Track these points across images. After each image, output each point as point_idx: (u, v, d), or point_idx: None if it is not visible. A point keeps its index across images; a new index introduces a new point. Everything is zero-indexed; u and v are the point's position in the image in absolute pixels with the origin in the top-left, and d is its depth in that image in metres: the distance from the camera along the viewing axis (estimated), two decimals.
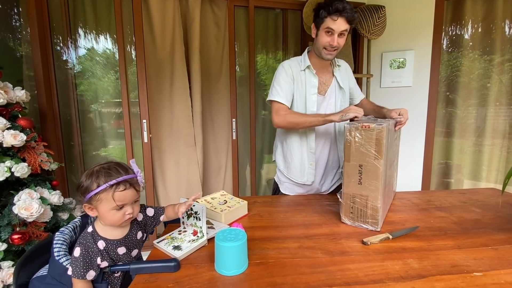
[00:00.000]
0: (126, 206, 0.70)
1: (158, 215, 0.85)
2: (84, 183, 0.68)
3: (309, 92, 1.25)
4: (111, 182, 0.67)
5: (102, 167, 0.70)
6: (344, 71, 1.34)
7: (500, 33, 2.25)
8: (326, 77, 1.29)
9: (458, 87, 2.41)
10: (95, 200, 0.68)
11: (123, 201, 0.69)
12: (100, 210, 0.69)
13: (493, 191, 1.37)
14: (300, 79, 1.25)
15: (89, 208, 0.70)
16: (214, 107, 2.29)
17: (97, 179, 0.67)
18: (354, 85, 1.40)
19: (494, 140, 2.36)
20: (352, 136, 0.91)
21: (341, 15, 1.10)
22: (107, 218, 0.70)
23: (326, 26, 1.13)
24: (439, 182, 2.54)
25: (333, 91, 1.29)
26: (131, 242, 0.77)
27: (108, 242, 0.72)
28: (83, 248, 0.69)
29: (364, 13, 2.14)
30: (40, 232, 1.36)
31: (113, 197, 0.67)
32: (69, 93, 2.09)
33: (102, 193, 0.67)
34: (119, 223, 0.71)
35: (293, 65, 1.26)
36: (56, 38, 2.01)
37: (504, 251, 0.78)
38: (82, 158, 2.18)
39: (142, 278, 0.68)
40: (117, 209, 0.69)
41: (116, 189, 0.68)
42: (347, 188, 0.96)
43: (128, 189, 0.69)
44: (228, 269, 0.69)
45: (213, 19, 2.19)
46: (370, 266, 0.72)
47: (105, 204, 0.68)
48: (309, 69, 1.25)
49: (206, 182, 2.32)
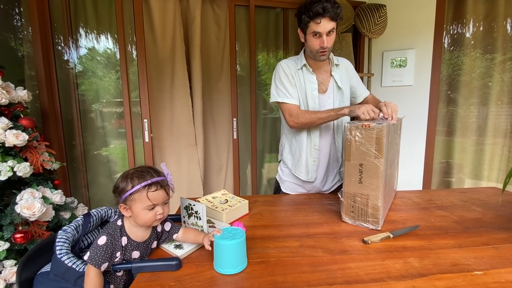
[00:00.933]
0: (157, 206, 0.75)
1: (173, 231, 0.86)
2: (120, 185, 0.73)
3: (309, 89, 1.24)
4: (144, 183, 0.72)
5: (136, 170, 0.75)
6: (344, 70, 1.31)
7: (502, 32, 2.24)
8: (324, 77, 1.27)
9: (459, 86, 2.40)
10: (129, 200, 0.73)
11: (155, 200, 0.74)
12: (134, 210, 0.73)
13: (494, 190, 1.37)
14: (298, 78, 1.25)
15: (124, 208, 0.74)
16: (215, 107, 2.29)
17: (132, 181, 0.73)
18: (356, 83, 1.35)
19: (496, 139, 2.36)
20: (352, 135, 0.91)
21: (324, 16, 1.07)
22: (140, 217, 0.74)
23: (312, 31, 1.12)
24: (440, 181, 2.54)
25: (331, 91, 1.27)
26: (146, 249, 0.79)
27: (129, 241, 0.76)
28: (110, 238, 0.72)
29: (365, 12, 2.13)
30: (43, 231, 1.37)
31: (147, 196, 0.72)
32: (70, 92, 2.10)
33: (136, 193, 0.72)
34: (150, 222, 0.76)
35: (290, 64, 1.26)
36: (57, 38, 2.02)
37: (505, 250, 0.78)
38: (83, 158, 2.18)
39: (143, 277, 0.68)
40: (149, 209, 0.74)
41: (149, 190, 0.73)
42: (348, 187, 0.96)
43: (159, 190, 0.75)
44: (225, 268, 0.69)
45: (213, 18, 2.19)
46: (370, 265, 0.72)
47: (138, 204, 0.73)
48: (306, 67, 1.24)
49: (207, 181, 2.33)
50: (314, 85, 1.24)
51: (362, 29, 2.17)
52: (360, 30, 2.19)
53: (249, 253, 0.79)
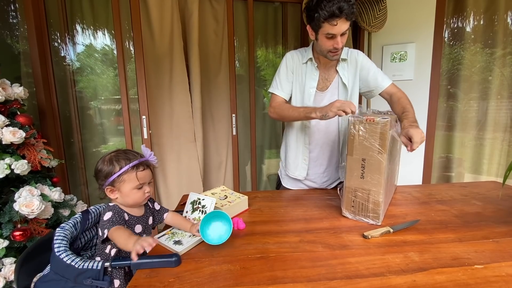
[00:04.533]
0: (144, 185, 0.79)
1: (162, 212, 0.91)
2: (105, 168, 0.75)
3: (308, 85, 1.21)
4: (133, 163, 0.75)
5: (118, 153, 0.77)
6: (353, 63, 1.20)
7: (502, 26, 2.22)
8: (329, 73, 1.22)
9: (459, 81, 2.38)
10: (118, 181, 0.75)
11: (143, 180, 0.77)
12: (124, 190, 0.76)
13: (494, 184, 1.36)
14: (301, 72, 1.22)
15: (111, 190, 0.76)
16: (214, 103, 2.28)
17: (118, 163, 0.75)
18: (367, 74, 1.20)
19: (495, 133, 2.35)
20: (356, 129, 0.90)
21: (340, 18, 0.98)
22: (130, 197, 0.77)
23: (326, 32, 1.03)
24: (440, 176, 2.54)
25: (335, 87, 1.21)
26: (146, 224, 0.83)
27: (130, 216, 0.79)
28: (114, 212, 0.75)
29: (364, 6, 2.11)
30: (42, 228, 1.36)
31: (136, 176, 0.75)
32: (68, 89, 2.08)
33: (125, 174, 0.74)
34: (140, 201, 0.79)
35: (295, 56, 1.23)
36: (53, 34, 2.00)
37: (505, 244, 0.78)
38: (82, 155, 2.18)
39: (142, 273, 0.68)
40: (138, 188, 0.77)
41: (137, 170, 0.76)
42: (349, 182, 0.95)
43: (146, 169, 0.79)
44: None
45: (211, 13, 2.17)
46: (370, 260, 0.72)
47: (128, 184, 0.75)
48: (311, 62, 1.20)
49: (206, 177, 2.33)
50: (314, 83, 1.21)
51: (362, 23, 2.15)
52: (360, 24, 2.17)
53: (248, 248, 0.79)
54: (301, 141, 1.28)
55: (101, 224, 0.75)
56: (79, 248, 0.85)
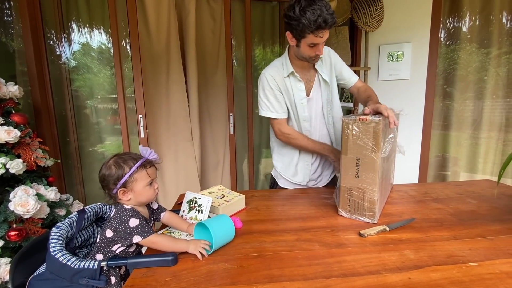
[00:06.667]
0: (153, 181, 0.82)
1: (160, 211, 0.91)
2: (114, 172, 0.77)
3: (298, 97, 1.21)
4: (142, 160, 0.79)
5: (120, 156, 0.80)
6: (328, 60, 1.26)
7: (498, 26, 2.24)
8: (310, 74, 1.24)
9: (455, 80, 2.40)
10: (130, 182, 0.77)
11: (152, 175, 0.81)
12: (137, 189, 0.78)
13: (489, 182, 1.38)
14: (286, 87, 1.20)
15: (123, 192, 0.77)
16: (211, 102, 2.27)
17: (126, 164, 0.77)
18: (340, 68, 1.29)
19: (491, 132, 2.38)
20: (349, 129, 0.91)
21: (325, 29, 1.01)
22: (143, 194, 0.79)
23: (310, 42, 1.05)
24: (436, 175, 2.56)
25: (317, 87, 1.25)
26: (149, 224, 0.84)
27: (144, 219, 0.80)
28: (139, 217, 0.76)
29: (361, 5, 2.11)
30: (38, 228, 1.35)
31: (147, 173, 0.79)
32: (63, 88, 2.06)
33: (136, 173, 0.77)
34: (152, 197, 0.82)
35: (275, 73, 1.19)
36: (49, 32, 1.98)
37: (499, 241, 0.79)
38: (78, 154, 2.16)
39: (139, 273, 0.68)
40: (149, 185, 0.80)
41: (146, 167, 0.80)
42: (345, 181, 0.96)
43: (153, 166, 0.83)
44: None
45: (209, 11, 2.16)
46: (367, 258, 0.72)
47: (140, 182, 0.78)
48: (293, 75, 1.20)
49: (204, 176, 2.32)
50: (302, 93, 1.21)
51: (359, 22, 2.15)
52: (357, 23, 2.18)
53: (245, 247, 0.79)
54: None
55: (124, 229, 0.74)
56: (75, 247, 0.85)
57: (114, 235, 0.75)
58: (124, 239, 0.74)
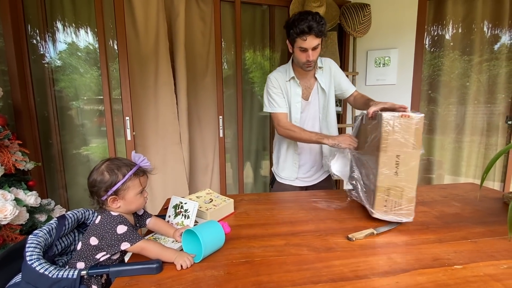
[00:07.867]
0: (144, 190, 0.80)
1: (145, 217, 0.89)
2: (106, 178, 0.73)
3: (294, 100, 1.36)
4: (135, 168, 0.76)
5: (112, 162, 0.76)
6: (327, 69, 1.37)
7: (479, 34, 2.33)
8: (310, 82, 1.37)
9: (439, 86, 2.48)
10: (122, 189, 0.74)
11: (144, 184, 0.79)
12: (128, 197, 0.76)
13: (472, 185, 1.42)
14: (286, 89, 1.36)
15: (113, 200, 0.75)
16: (200, 104, 2.25)
17: (120, 171, 0.75)
18: (340, 79, 1.40)
19: (473, 137, 2.46)
20: (391, 125, 0.88)
21: (310, 34, 1.15)
22: (134, 203, 0.78)
23: (299, 46, 1.20)
24: (421, 178, 2.62)
25: (316, 93, 1.37)
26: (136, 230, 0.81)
27: (130, 224, 0.78)
28: (127, 224, 0.74)
29: (349, 11, 2.15)
30: (16, 235, 1.29)
31: (140, 182, 0.78)
32: (46, 89, 1.99)
33: (129, 181, 0.75)
34: (142, 206, 0.81)
35: (279, 76, 1.36)
36: (32, 30, 1.91)
37: (483, 244, 0.81)
38: (61, 157, 2.08)
39: (122, 281, 0.65)
40: (140, 193, 0.78)
41: (139, 175, 0.78)
42: (381, 181, 0.92)
43: (145, 174, 0.81)
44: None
45: (198, 14, 2.14)
46: (355, 262, 0.72)
47: (132, 190, 0.76)
48: (294, 80, 1.34)
49: (193, 180, 2.28)
50: (298, 98, 1.36)
51: (347, 27, 2.19)
52: (345, 29, 2.21)
53: (233, 253, 0.78)
54: (291, 148, 1.44)
55: (111, 236, 0.71)
56: (55, 255, 0.81)
57: (100, 243, 0.72)
58: (111, 246, 0.71)
